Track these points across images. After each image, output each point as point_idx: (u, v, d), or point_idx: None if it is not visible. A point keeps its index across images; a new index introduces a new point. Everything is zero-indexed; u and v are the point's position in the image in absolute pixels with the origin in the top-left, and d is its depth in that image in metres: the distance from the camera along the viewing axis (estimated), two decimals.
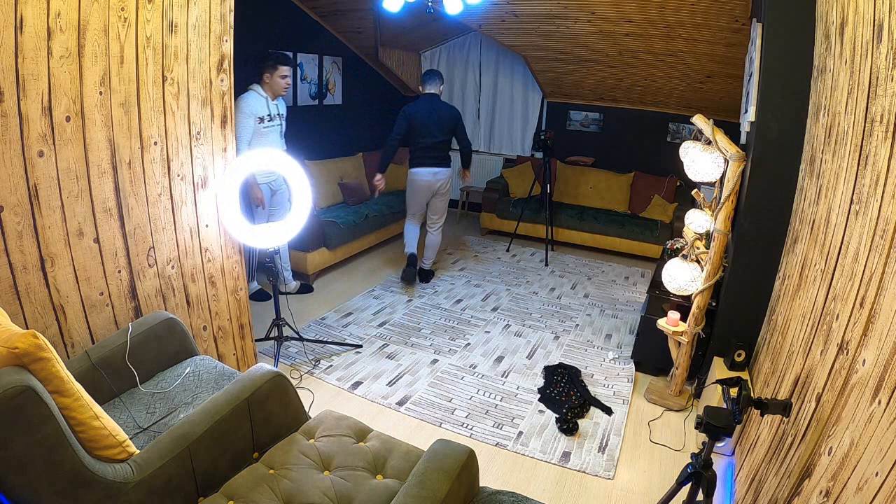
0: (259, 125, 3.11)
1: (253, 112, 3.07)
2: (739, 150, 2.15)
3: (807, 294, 1.65)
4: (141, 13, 1.72)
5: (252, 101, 3.09)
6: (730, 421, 1.36)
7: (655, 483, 2.09)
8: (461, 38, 5.65)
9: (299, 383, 2.62)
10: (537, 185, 4.97)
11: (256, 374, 1.58)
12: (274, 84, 3.13)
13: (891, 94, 1.13)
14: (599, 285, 4.24)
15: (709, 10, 3.33)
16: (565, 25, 4.04)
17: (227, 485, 1.39)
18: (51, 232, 1.60)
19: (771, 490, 1.51)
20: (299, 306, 3.42)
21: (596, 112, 5.45)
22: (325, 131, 5.04)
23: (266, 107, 3.15)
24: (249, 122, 3.05)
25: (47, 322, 1.64)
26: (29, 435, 1.05)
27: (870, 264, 1.15)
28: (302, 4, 4.43)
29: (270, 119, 3.19)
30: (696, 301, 2.40)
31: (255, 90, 3.14)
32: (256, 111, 3.09)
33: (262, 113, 3.12)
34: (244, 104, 3.05)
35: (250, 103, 3.07)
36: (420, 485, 1.25)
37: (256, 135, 3.12)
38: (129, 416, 1.59)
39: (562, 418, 2.42)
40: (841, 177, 1.46)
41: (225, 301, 2.33)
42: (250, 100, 3.09)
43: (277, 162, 2.46)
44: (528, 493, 1.98)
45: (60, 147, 1.58)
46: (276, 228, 2.53)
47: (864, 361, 1.10)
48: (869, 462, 0.98)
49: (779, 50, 2.10)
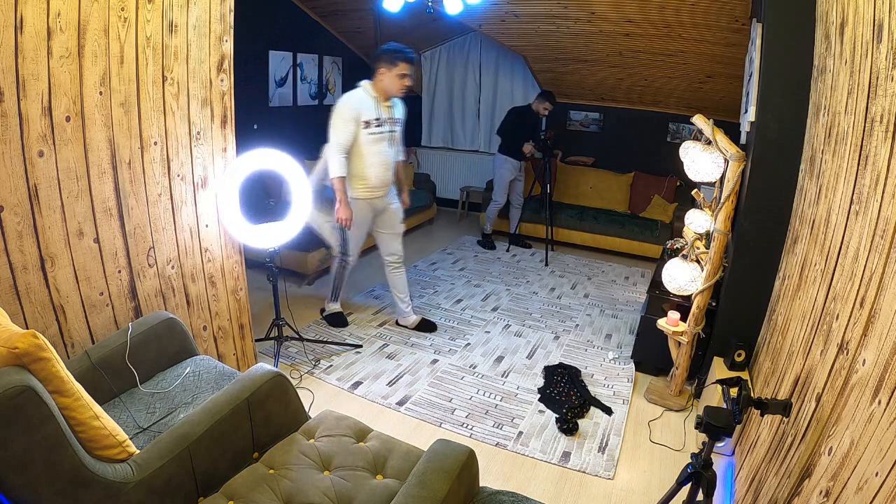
0: (363, 130, 2.67)
1: (354, 115, 2.64)
2: (739, 150, 2.15)
3: (807, 294, 1.65)
4: (141, 13, 1.72)
5: (355, 102, 2.65)
6: (730, 421, 1.36)
7: (655, 483, 2.09)
8: (461, 38, 5.65)
9: (299, 383, 2.62)
10: (537, 184, 4.98)
11: (256, 374, 1.58)
12: (389, 83, 2.67)
13: (891, 94, 1.13)
14: (599, 285, 4.24)
15: (709, 10, 3.33)
16: (565, 25, 4.04)
17: (227, 485, 1.39)
18: (51, 232, 1.60)
19: (771, 490, 1.51)
20: (299, 306, 3.42)
21: (596, 112, 5.45)
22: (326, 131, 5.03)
23: (374, 109, 2.68)
24: (349, 126, 2.64)
25: (47, 322, 1.64)
26: (29, 435, 1.05)
27: (870, 264, 1.15)
28: (302, 4, 4.43)
29: (379, 124, 2.71)
30: (696, 301, 2.40)
31: (363, 88, 2.69)
32: (359, 113, 2.64)
33: (368, 116, 2.66)
34: (344, 104, 2.64)
35: (352, 103, 2.64)
36: (420, 485, 1.25)
37: (362, 143, 2.70)
38: (129, 416, 1.59)
39: (562, 418, 2.42)
40: (841, 177, 1.46)
41: (225, 301, 2.33)
42: (353, 99, 2.65)
43: (275, 161, 2.45)
44: (528, 493, 1.98)
45: (60, 147, 1.58)
46: (275, 228, 2.53)
47: (864, 361, 1.10)
48: (869, 462, 0.98)
49: (779, 50, 2.10)
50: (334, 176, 2.70)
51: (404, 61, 2.64)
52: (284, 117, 4.53)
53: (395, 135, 2.83)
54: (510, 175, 4.72)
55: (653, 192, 5.02)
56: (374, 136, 2.70)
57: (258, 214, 2.86)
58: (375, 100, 2.69)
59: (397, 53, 2.63)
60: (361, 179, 2.83)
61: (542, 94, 4.55)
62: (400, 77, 2.66)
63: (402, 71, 2.65)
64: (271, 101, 4.38)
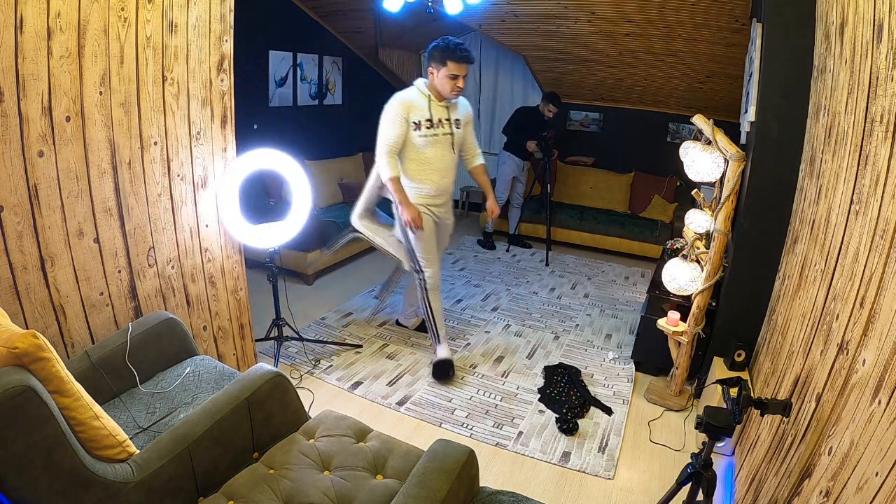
0: (414, 132, 2.43)
1: (402, 114, 2.40)
2: (739, 150, 2.15)
3: (807, 294, 1.65)
4: (141, 13, 1.71)
5: (404, 101, 2.42)
6: (730, 421, 1.36)
7: (655, 483, 2.09)
8: (461, 38, 5.65)
9: (299, 383, 2.62)
10: (537, 184, 4.98)
11: (256, 374, 1.58)
12: (439, 83, 2.42)
13: (891, 94, 1.13)
14: (599, 285, 4.24)
15: (709, 10, 3.33)
16: (565, 25, 4.04)
17: (227, 485, 1.39)
18: (51, 232, 1.60)
19: (771, 490, 1.51)
20: (299, 306, 3.42)
21: (596, 112, 5.45)
22: (325, 131, 5.04)
23: (426, 109, 2.43)
24: (396, 126, 2.41)
25: (47, 322, 1.64)
26: (29, 435, 1.05)
27: (870, 264, 1.15)
28: (302, 4, 4.43)
29: (431, 125, 2.44)
30: (696, 301, 2.40)
31: (417, 86, 2.46)
32: (408, 113, 2.41)
33: (417, 116, 2.42)
34: (392, 103, 2.40)
35: (401, 102, 2.41)
36: (420, 485, 1.25)
37: (415, 146, 2.46)
38: (129, 416, 1.59)
39: (562, 418, 2.42)
40: (841, 177, 1.46)
41: (225, 301, 2.33)
42: (402, 98, 2.42)
43: (275, 161, 2.45)
44: (528, 493, 1.98)
45: (60, 147, 1.58)
46: (275, 228, 2.53)
47: (864, 361, 1.10)
48: (869, 462, 0.98)
49: (779, 50, 2.10)
50: (388, 177, 2.48)
51: (454, 61, 2.34)
52: (284, 117, 4.53)
53: (454, 137, 2.54)
54: (512, 172, 4.76)
55: (653, 192, 5.02)
56: (426, 138, 2.45)
57: (258, 214, 2.86)
58: (429, 99, 2.44)
59: (446, 52, 2.34)
60: (415, 186, 2.58)
61: (547, 95, 4.55)
62: (450, 78, 2.39)
63: (453, 71, 2.37)
64: (271, 101, 4.38)
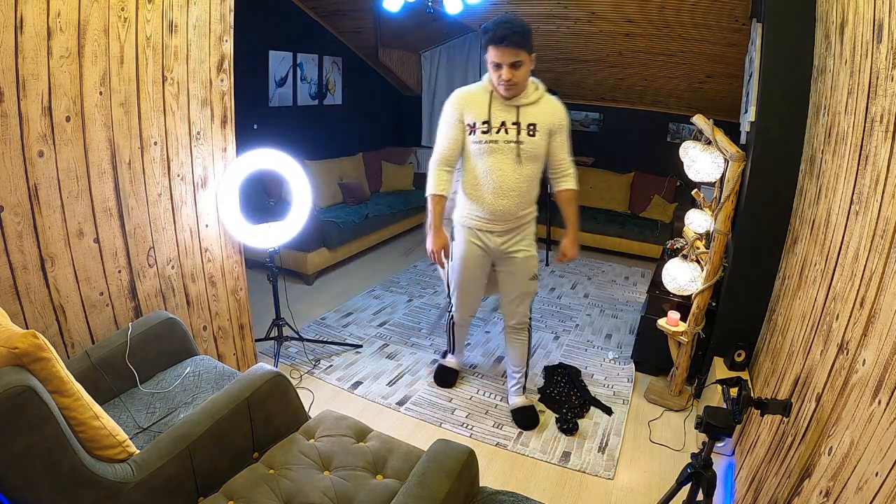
0: (468, 137, 1.98)
1: (457, 114, 1.99)
2: (739, 150, 2.15)
3: (807, 294, 1.65)
4: (141, 13, 1.72)
5: (463, 95, 2.00)
6: (730, 421, 1.36)
7: (655, 483, 2.09)
8: (461, 38, 5.64)
9: (299, 383, 2.62)
10: None
11: (256, 374, 1.58)
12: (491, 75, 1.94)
13: (891, 94, 1.13)
14: (599, 285, 4.24)
15: (709, 10, 3.33)
16: (565, 25, 4.04)
17: (227, 485, 1.39)
18: (51, 232, 1.60)
19: (771, 490, 1.51)
20: (299, 306, 3.42)
21: (596, 112, 5.45)
22: (325, 131, 5.04)
23: (485, 108, 1.94)
24: (449, 129, 2.01)
25: (47, 322, 1.64)
26: (29, 435, 1.05)
27: (870, 264, 1.15)
28: (302, 4, 4.43)
29: (488, 129, 1.94)
30: (696, 301, 2.40)
31: (482, 82, 2.00)
32: (462, 113, 1.98)
33: (472, 117, 1.96)
34: (451, 97, 2.01)
35: (461, 97, 1.99)
36: (420, 485, 1.25)
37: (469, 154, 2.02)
38: (129, 416, 1.59)
39: (562, 418, 2.42)
40: (841, 177, 1.46)
41: (225, 301, 2.33)
42: (464, 92, 2.00)
43: (274, 161, 2.45)
44: (528, 493, 1.98)
45: (60, 147, 1.58)
46: (275, 228, 2.53)
47: (864, 361, 1.10)
48: (869, 462, 0.98)
49: (779, 50, 2.10)
50: (427, 193, 2.10)
51: (493, 44, 1.82)
52: (284, 117, 4.53)
53: (521, 147, 1.96)
54: None
55: (653, 192, 5.02)
56: (480, 145, 1.96)
57: (258, 214, 2.87)
58: (490, 95, 1.95)
59: (486, 33, 1.84)
60: (465, 206, 2.16)
61: None
62: (494, 68, 1.88)
63: (494, 59, 1.85)
64: (271, 101, 4.38)
